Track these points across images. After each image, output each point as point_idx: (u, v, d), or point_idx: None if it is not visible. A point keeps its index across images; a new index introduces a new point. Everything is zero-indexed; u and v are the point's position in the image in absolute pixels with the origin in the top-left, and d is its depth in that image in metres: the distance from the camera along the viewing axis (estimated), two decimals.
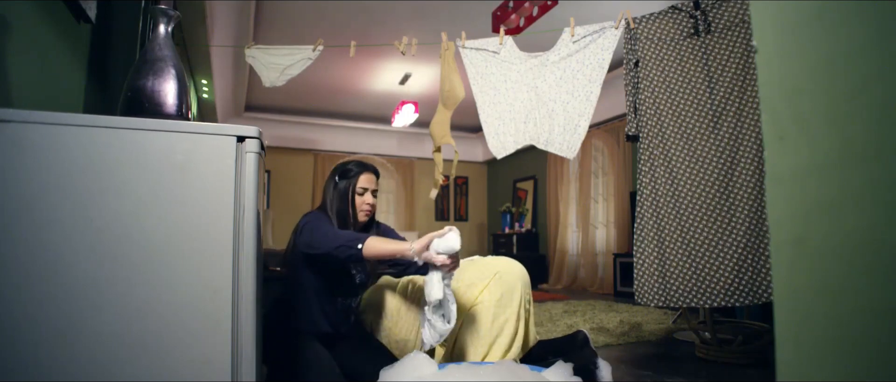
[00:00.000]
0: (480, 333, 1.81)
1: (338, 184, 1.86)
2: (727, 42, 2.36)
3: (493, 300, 1.84)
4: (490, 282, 1.87)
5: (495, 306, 1.84)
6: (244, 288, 1.07)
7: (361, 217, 1.89)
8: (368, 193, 1.89)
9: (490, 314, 1.82)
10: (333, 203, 1.84)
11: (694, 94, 2.40)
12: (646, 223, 2.43)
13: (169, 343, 1.00)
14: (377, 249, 1.60)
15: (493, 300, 1.84)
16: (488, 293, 1.86)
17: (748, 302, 2.21)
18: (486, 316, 1.82)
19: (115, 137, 1.01)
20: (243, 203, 1.08)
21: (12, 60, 1.18)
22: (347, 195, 1.86)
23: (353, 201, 1.86)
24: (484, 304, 1.84)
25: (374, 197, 1.92)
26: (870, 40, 0.45)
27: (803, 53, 0.50)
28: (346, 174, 1.87)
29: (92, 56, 1.76)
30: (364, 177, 1.88)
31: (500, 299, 1.85)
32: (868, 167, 0.44)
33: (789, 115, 0.50)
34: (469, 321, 1.85)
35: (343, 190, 1.86)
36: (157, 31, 1.23)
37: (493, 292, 1.86)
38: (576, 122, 2.64)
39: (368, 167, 1.91)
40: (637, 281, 2.42)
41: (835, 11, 0.48)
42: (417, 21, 4.67)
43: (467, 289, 1.88)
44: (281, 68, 3.12)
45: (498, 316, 1.83)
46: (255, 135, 1.11)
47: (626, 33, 2.61)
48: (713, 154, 2.33)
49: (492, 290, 1.87)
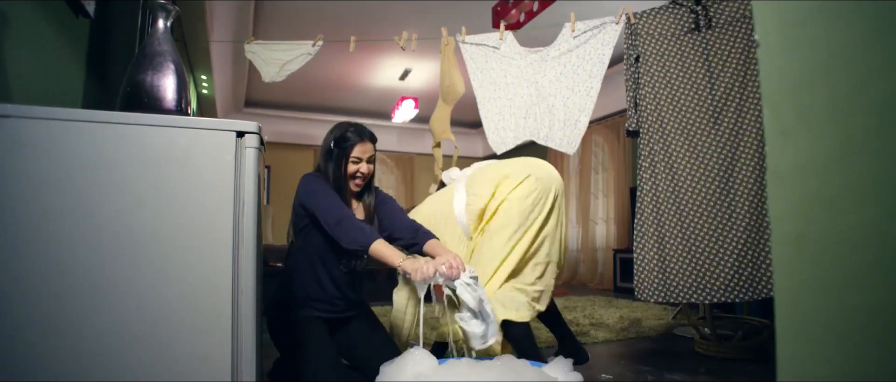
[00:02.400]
0: (503, 236, 1.84)
1: (332, 151, 1.80)
2: (728, 38, 2.36)
3: (524, 198, 1.87)
4: (523, 180, 1.90)
5: (529, 205, 1.87)
6: (244, 284, 1.07)
7: (353, 187, 1.84)
8: (363, 162, 1.82)
9: (518, 215, 1.85)
10: (329, 169, 1.80)
11: (694, 89, 2.40)
12: (646, 219, 2.43)
13: (168, 339, 1.00)
14: (380, 254, 1.61)
15: (526, 199, 1.87)
16: (521, 189, 1.88)
17: (748, 298, 2.21)
18: (513, 216, 1.85)
19: (115, 132, 1.01)
20: (243, 198, 1.08)
21: (11, 55, 1.18)
22: (339, 164, 1.80)
23: (345, 171, 1.81)
24: (512, 201, 1.87)
25: (371, 164, 1.85)
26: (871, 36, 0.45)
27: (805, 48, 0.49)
28: (340, 142, 1.80)
29: (91, 51, 1.75)
30: (358, 147, 1.80)
31: (534, 201, 1.88)
32: (869, 163, 0.44)
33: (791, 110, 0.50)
34: (496, 219, 1.88)
35: (337, 158, 1.80)
36: (156, 26, 1.23)
37: (525, 189, 1.88)
38: (576, 117, 2.64)
39: (365, 134, 1.83)
40: (637, 277, 2.42)
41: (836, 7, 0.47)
42: (417, 16, 4.66)
43: (503, 180, 1.92)
44: (280, 64, 3.11)
45: (526, 219, 1.85)
46: (254, 130, 1.10)
47: (626, 29, 2.60)
48: (713, 150, 2.33)
49: (524, 187, 1.89)
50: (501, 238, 1.86)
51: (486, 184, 1.97)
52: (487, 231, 1.92)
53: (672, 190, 2.38)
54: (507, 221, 1.86)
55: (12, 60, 1.19)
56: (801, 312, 0.47)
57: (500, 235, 1.86)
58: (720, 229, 2.27)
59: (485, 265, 1.87)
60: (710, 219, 2.29)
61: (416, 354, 1.44)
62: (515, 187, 1.90)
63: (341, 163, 1.80)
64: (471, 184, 2.02)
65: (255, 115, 7.60)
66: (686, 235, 2.32)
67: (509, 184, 1.92)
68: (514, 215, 1.86)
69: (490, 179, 1.98)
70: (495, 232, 1.88)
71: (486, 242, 1.90)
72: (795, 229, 0.48)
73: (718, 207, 2.29)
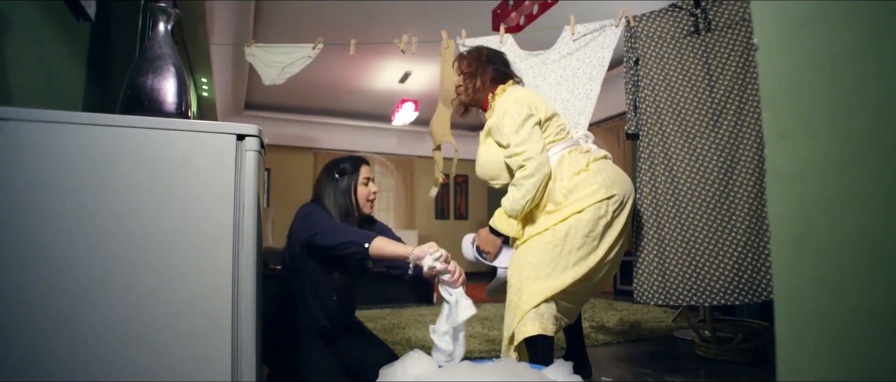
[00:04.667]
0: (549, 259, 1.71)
1: (339, 180, 1.87)
2: (727, 40, 2.36)
3: (585, 223, 1.72)
4: (603, 199, 1.74)
5: (583, 233, 1.71)
6: (244, 286, 1.07)
7: (368, 208, 1.92)
8: (371, 183, 1.93)
9: (567, 243, 1.72)
10: (336, 200, 1.84)
11: (694, 92, 2.40)
12: (646, 221, 2.43)
13: (169, 341, 1.00)
14: (383, 249, 1.63)
15: (586, 224, 1.72)
16: (592, 209, 1.73)
17: (748, 300, 2.21)
18: (566, 241, 1.72)
19: (115, 135, 1.01)
20: (243, 201, 1.08)
21: (12, 57, 1.18)
22: (351, 190, 1.86)
23: (356, 193, 1.87)
24: (573, 224, 1.72)
25: (374, 184, 1.95)
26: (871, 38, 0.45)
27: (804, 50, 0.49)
28: (345, 171, 1.88)
29: (92, 54, 1.75)
30: (364, 169, 1.91)
31: (590, 230, 1.73)
32: (869, 165, 0.44)
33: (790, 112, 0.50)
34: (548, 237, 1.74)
35: (346, 185, 1.86)
36: (157, 29, 1.23)
37: (594, 211, 1.73)
38: (576, 120, 2.64)
39: (362, 159, 1.94)
40: (637, 279, 2.42)
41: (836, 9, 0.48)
42: (417, 19, 4.67)
43: (576, 187, 1.76)
44: (281, 66, 3.11)
45: (573, 250, 1.72)
46: (254, 133, 1.11)
47: (626, 31, 2.61)
48: (713, 152, 2.33)
49: (595, 209, 1.73)
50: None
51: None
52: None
53: (672, 192, 2.38)
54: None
55: (13, 62, 1.19)
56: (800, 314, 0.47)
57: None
58: (720, 231, 2.27)
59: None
60: (709, 221, 2.29)
61: (415, 357, 1.44)
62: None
63: (352, 189, 1.86)
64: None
65: (255, 117, 7.61)
66: (686, 237, 2.32)
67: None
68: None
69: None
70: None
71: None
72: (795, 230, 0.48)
73: (718, 209, 2.29)
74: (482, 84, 1.99)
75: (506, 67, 2.06)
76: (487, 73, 1.99)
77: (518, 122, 1.79)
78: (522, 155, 1.76)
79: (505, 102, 1.88)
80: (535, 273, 1.73)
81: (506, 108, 1.85)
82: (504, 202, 1.82)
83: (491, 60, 2.03)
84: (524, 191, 1.75)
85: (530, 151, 1.76)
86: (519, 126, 1.79)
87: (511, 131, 1.79)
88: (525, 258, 1.77)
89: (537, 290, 1.71)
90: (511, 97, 1.88)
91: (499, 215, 1.85)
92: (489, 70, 1.99)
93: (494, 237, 1.88)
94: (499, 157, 1.89)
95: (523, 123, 1.79)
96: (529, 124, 1.80)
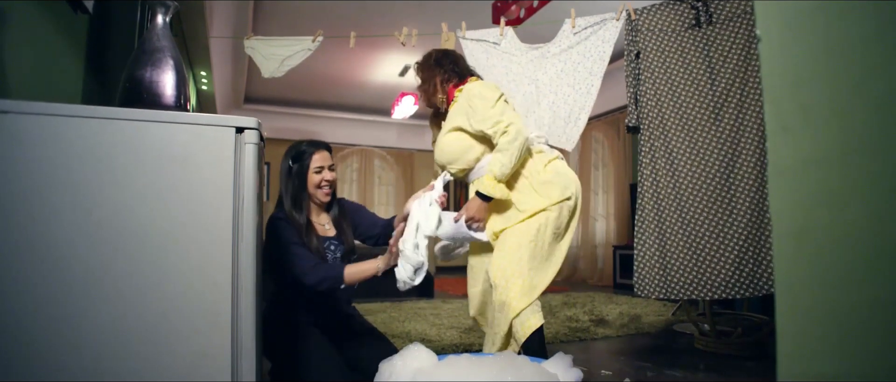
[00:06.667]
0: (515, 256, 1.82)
1: (292, 167, 1.82)
2: (729, 33, 2.35)
3: (550, 225, 1.88)
4: (564, 200, 1.91)
5: (551, 233, 1.88)
6: (244, 280, 1.07)
7: (322, 197, 1.85)
8: (325, 170, 1.84)
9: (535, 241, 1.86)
10: (289, 188, 1.81)
11: (695, 85, 2.39)
12: (647, 215, 2.42)
13: (168, 336, 1.00)
14: (356, 275, 1.70)
15: (550, 226, 1.88)
16: (556, 209, 1.89)
17: (748, 294, 2.21)
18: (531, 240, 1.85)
19: (114, 128, 1.00)
20: (242, 194, 1.08)
21: (10, 50, 1.18)
22: (304, 178, 1.81)
23: (309, 184, 1.82)
24: (539, 222, 1.87)
25: (332, 171, 1.87)
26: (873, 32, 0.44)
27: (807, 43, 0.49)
28: (299, 157, 1.82)
29: (90, 47, 1.75)
30: (317, 157, 1.83)
31: (557, 228, 1.90)
32: (871, 159, 0.44)
33: (792, 105, 0.49)
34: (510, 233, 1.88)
35: (299, 172, 1.81)
36: (155, 22, 1.23)
37: (558, 211, 1.90)
38: (576, 114, 2.63)
39: (319, 144, 1.86)
40: (637, 273, 2.42)
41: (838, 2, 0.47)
42: (417, 12, 4.65)
43: (540, 186, 1.93)
44: (280, 59, 3.11)
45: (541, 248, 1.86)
46: (253, 126, 1.10)
47: (627, 25, 2.59)
48: (714, 146, 2.33)
49: (559, 209, 1.90)
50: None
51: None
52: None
53: (673, 186, 2.38)
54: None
55: (11, 55, 1.18)
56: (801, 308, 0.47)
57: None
58: (721, 225, 2.27)
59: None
60: (710, 215, 2.29)
61: (414, 350, 1.44)
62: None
63: (305, 177, 1.81)
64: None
65: (254, 111, 7.59)
66: (687, 231, 2.32)
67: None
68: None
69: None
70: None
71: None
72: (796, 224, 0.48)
73: (719, 203, 2.29)
74: (434, 87, 2.09)
75: (456, 65, 2.13)
76: (437, 74, 2.10)
77: (493, 100, 1.92)
78: (503, 123, 1.88)
79: (473, 90, 1.97)
80: (518, 271, 1.82)
81: (476, 92, 1.96)
82: (492, 168, 1.90)
83: (439, 62, 2.12)
84: (510, 154, 1.87)
85: (509, 118, 1.89)
86: (494, 102, 1.92)
87: (487, 107, 1.91)
88: (504, 258, 1.85)
89: (526, 287, 1.80)
90: (477, 86, 2.00)
91: (488, 181, 1.90)
92: (439, 72, 2.10)
93: (485, 204, 1.94)
94: (457, 143, 1.99)
95: (497, 100, 1.93)
96: (502, 101, 1.96)
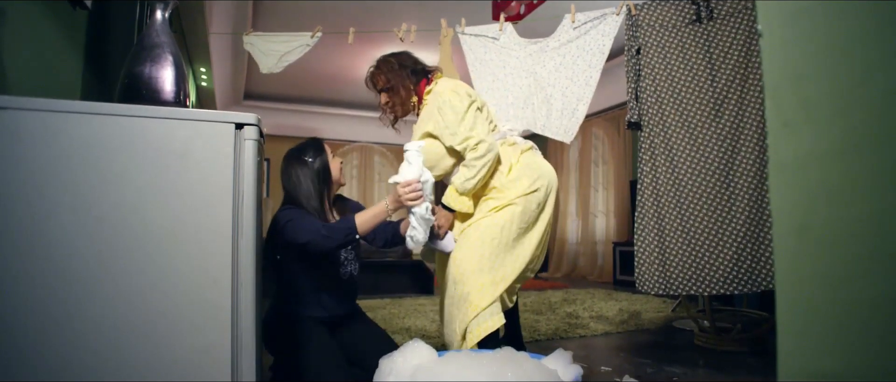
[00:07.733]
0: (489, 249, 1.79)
1: (311, 164, 1.86)
2: (729, 29, 2.35)
3: (517, 213, 1.83)
4: (531, 193, 1.86)
5: (519, 220, 1.83)
6: (243, 277, 1.07)
7: (343, 183, 1.94)
8: (338, 160, 1.94)
9: (506, 229, 1.82)
10: (310, 185, 1.84)
11: (696, 81, 2.39)
12: (647, 211, 2.42)
13: (168, 332, 1.00)
14: (367, 222, 1.70)
15: (517, 213, 1.83)
16: (523, 202, 1.85)
17: (747, 290, 2.21)
18: (501, 229, 1.81)
19: (113, 124, 1.00)
20: (242, 191, 1.08)
21: (9, 46, 1.17)
22: (327, 169, 1.87)
23: (330, 173, 1.88)
24: (510, 211, 1.83)
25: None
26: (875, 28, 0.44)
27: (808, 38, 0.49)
28: (318, 151, 1.87)
29: (89, 43, 1.74)
30: (326, 146, 1.92)
31: (523, 222, 1.85)
32: (873, 155, 0.43)
33: (793, 101, 0.49)
34: (483, 224, 1.83)
35: (321, 167, 1.85)
36: (155, 18, 1.22)
37: (525, 204, 1.85)
38: (574, 106, 2.63)
39: (322, 141, 1.94)
40: (638, 269, 2.42)
41: None
42: (416, 8, 4.64)
43: (510, 182, 1.88)
44: (279, 55, 3.10)
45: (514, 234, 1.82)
46: (253, 122, 1.10)
47: (627, 20, 2.59)
48: (714, 142, 2.32)
49: (526, 202, 1.85)
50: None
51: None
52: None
53: (673, 182, 2.38)
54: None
55: (10, 51, 1.18)
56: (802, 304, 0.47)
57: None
58: (720, 221, 2.27)
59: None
60: (710, 211, 2.29)
61: (414, 346, 1.44)
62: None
63: (326, 169, 1.86)
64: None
65: (254, 107, 7.58)
66: (686, 227, 2.32)
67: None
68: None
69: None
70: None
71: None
72: (797, 221, 0.48)
73: (719, 199, 2.29)
74: (408, 91, 2.02)
75: (418, 62, 2.09)
76: (406, 77, 2.03)
77: (462, 111, 1.85)
78: (473, 139, 1.83)
79: (441, 95, 1.91)
80: (477, 266, 1.78)
81: (444, 99, 1.88)
82: (455, 181, 1.88)
83: (403, 64, 2.05)
84: (476, 171, 1.83)
85: (479, 134, 1.84)
86: (464, 114, 1.85)
87: (456, 121, 1.85)
88: (464, 252, 1.82)
89: (486, 284, 1.76)
90: (447, 88, 1.92)
91: (451, 194, 1.90)
92: (405, 73, 2.03)
93: (449, 213, 1.93)
94: (431, 150, 1.93)
95: (467, 110, 1.86)
96: (472, 111, 1.88)
